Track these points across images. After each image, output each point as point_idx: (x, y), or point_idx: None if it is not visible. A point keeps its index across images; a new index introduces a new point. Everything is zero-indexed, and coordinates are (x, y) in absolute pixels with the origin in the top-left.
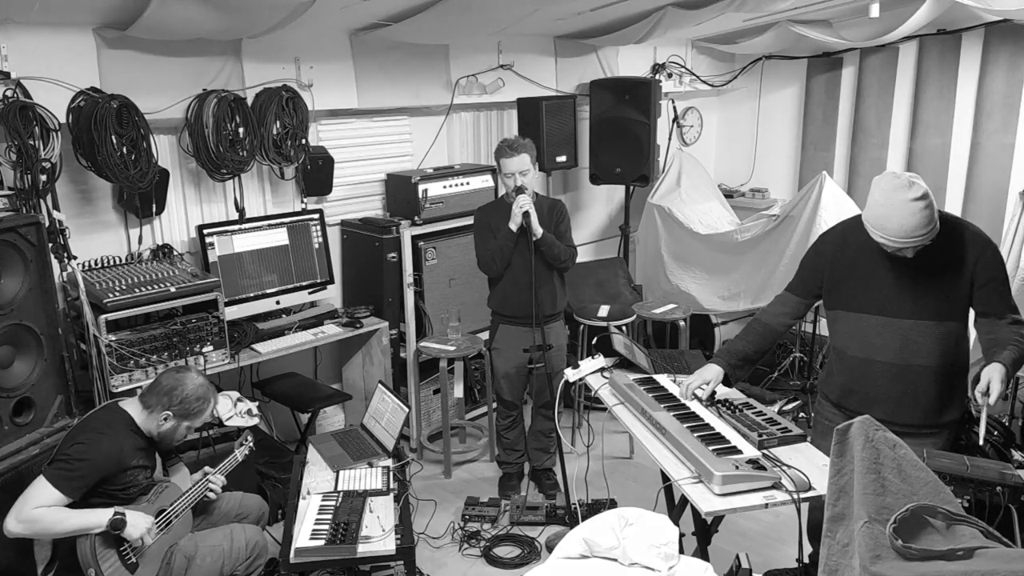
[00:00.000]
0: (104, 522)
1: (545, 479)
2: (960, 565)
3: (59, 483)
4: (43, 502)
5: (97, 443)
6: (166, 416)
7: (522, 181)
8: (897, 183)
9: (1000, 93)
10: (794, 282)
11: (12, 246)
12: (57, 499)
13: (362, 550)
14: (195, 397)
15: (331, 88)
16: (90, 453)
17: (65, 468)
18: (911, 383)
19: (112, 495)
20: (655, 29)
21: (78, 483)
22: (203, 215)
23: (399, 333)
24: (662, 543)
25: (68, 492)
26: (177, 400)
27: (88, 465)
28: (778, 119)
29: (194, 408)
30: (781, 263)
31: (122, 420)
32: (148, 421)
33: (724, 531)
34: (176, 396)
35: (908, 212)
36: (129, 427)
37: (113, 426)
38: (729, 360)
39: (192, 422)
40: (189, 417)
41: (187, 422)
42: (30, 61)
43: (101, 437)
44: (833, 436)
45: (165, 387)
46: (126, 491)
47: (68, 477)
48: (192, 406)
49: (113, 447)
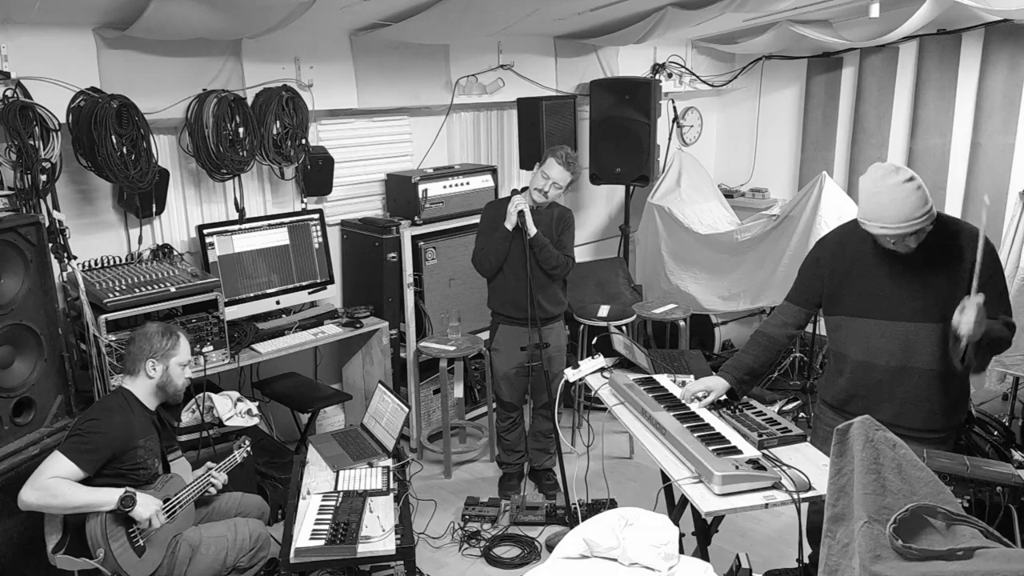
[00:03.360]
0: (114, 499)
1: (545, 479)
2: (960, 565)
3: (74, 455)
4: (58, 473)
5: (109, 418)
6: (151, 364)
7: (551, 192)
8: (883, 171)
9: (1000, 93)
10: (793, 292)
11: (12, 246)
12: (72, 471)
13: (362, 550)
14: (159, 333)
15: (331, 88)
16: (103, 427)
17: (79, 441)
18: (913, 386)
19: (122, 474)
20: (655, 29)
21: (92, 456)
22: (203, 215)
23: (399, 333)
24: (662, 543)
25: (82, 465)
26: (147, 347)
27: (101, 438)
28: (778, 119)
29: (167, 343)
30: (781, 263)
31: (128, 398)
32: (142, 383)
33: (724, 531)
34: (144, 345)
35: (901, 195)
36: (135, 405)
37: (122, 405)
38: (736, 374)
39: (178, 357)
40: (168, 354)
41: (173, 359)
42: (30, 61)
43: (112, 413)
44: (833, 436)
45: (133, 348)
46: (135, 472)
47: (82, 450)
48: (162, 342)
49: (123, 421)
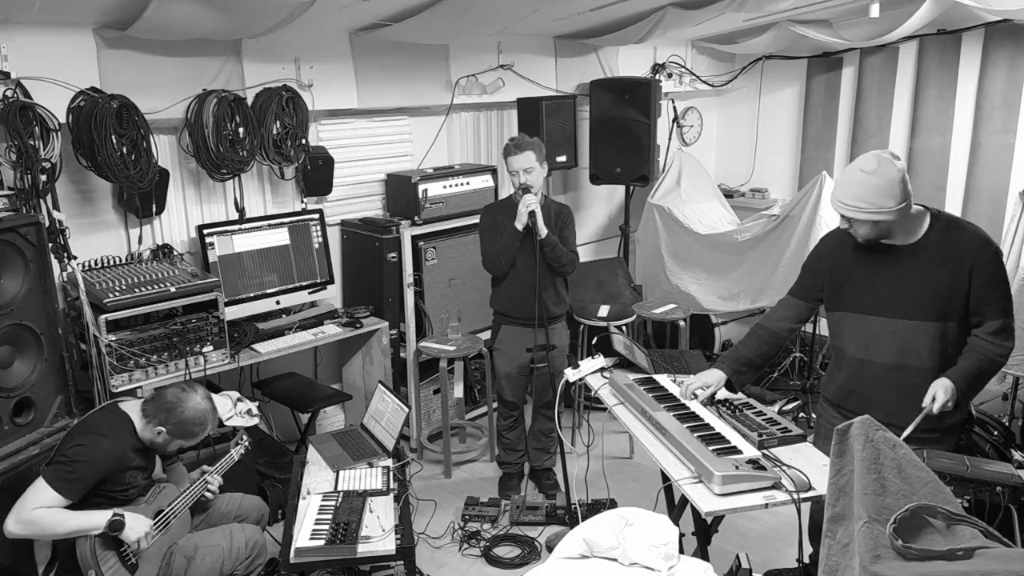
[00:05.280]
0: (103, 523)
1: (545, 479)
2: (960, 565)
3: (58, 485)
4: (42, 503)
5: (96, 444)
6: (159, 431)
7: (526, 179)
8: (869, 155)
9: (1000, 93)
10: (796, 286)
11: (12, 246)
12: (56, 501)
13: (362, 550)
14: (193, 421)
15: (331, 88)
16: (89, 454)
17: (64, 470)
18: (910, 384)
19: (111, 496)
20: (655, 29)
21: (77, 484)
22: (203, 215)
23: (399, 333)
24: (662, 543)
25: (67, 494)
26: (175, 420)
27: (87, 467)
28: (778, 119)
29: (190, 431)
30: (781, 263)
31: (122, 422)
32: (145, 430)
33: (724, 531)
34: (175, 416)
35: (863, 178)
36: (128, 430)
37: (113, 428)
38: (732, 365)
39: (185, 442)
40: (183, 437)
41: (180, 441)
42: (30, 61)
43: (101, 439)
44: (833, 436)
45: (167, 403)
46: (125, 492)
47: (67, 479)
48: (188, 428)
49: (113, 449)
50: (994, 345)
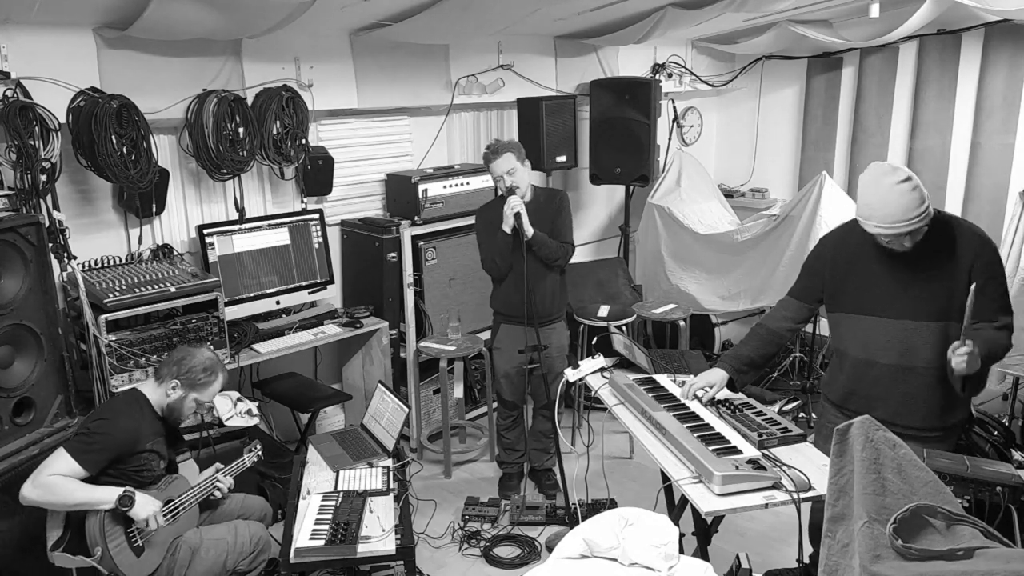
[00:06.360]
0: (113, 498)
1: (545, 479)
2: (960, 565)
3: (78, 455)
4: (59, 471)
5: (116, 420)
6: (174, 385)
7: (511, 181)
8: (881, 170)
9: (1000, 93)
10: (796, 286)
11: (12, 246)
12: (74, 470)
13: (362, 550)
14: (202, 368)
15: (331, 88)
16: (109, 428)
17: (84, 440)
18: (912, 385)
19: (126, 476)
20: (655, 29)
21: (95, 456)
22: (203, 215)
23: (399, 333)
24: (662, 543)
25: (85, 465)
26: (185, 369)
27: (106, 439)
28: (778, 119)
29: (200, 379)
30: (781, 263)
31: (139, 402)
32: (158, 393)
33: (724, 531)
34: (185, 365)
35: (896, 195)
36: (146, 409)
37: (132, 407)
38: (734, 364)
39: (199, 394)
40: (196, 388)
41: (194, 394)
42: (30, 61)
43: (120, 415)
44: (833, 436)
45: (176, 358)
46: (139, 474)
47: (86, 450)
48: (199, 377)
49: (131, 425)
50: (999, 335)
